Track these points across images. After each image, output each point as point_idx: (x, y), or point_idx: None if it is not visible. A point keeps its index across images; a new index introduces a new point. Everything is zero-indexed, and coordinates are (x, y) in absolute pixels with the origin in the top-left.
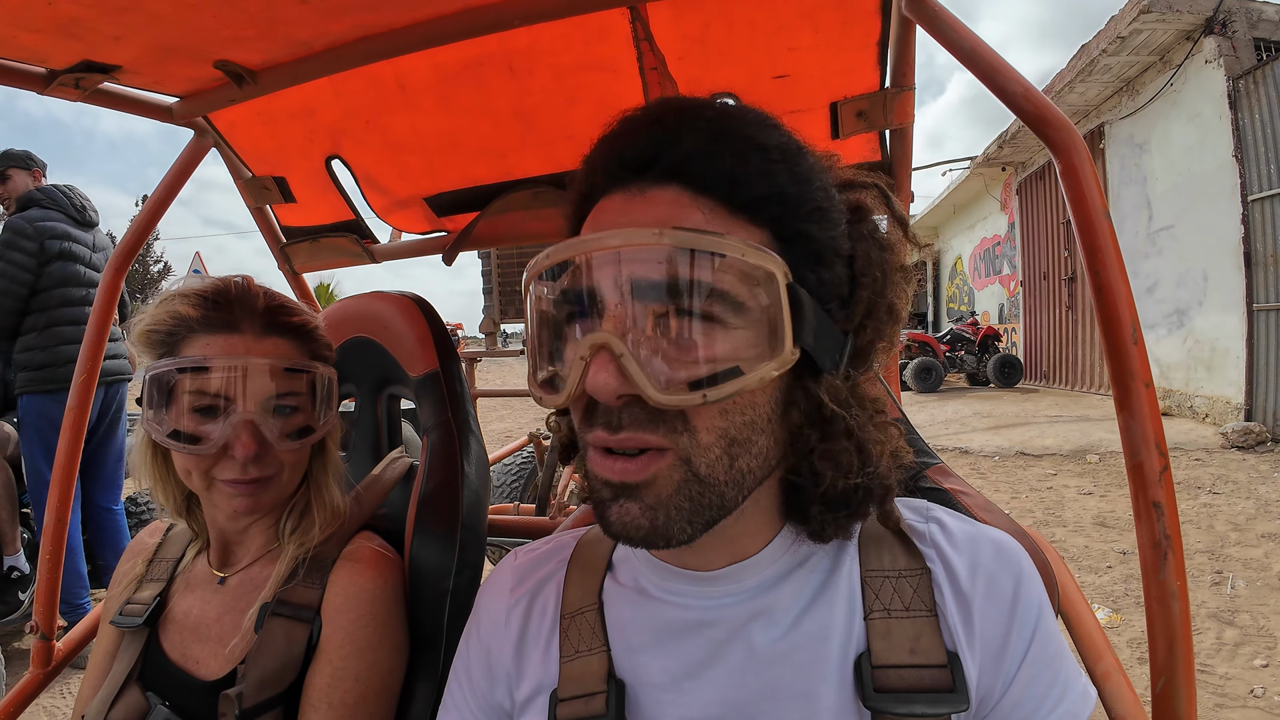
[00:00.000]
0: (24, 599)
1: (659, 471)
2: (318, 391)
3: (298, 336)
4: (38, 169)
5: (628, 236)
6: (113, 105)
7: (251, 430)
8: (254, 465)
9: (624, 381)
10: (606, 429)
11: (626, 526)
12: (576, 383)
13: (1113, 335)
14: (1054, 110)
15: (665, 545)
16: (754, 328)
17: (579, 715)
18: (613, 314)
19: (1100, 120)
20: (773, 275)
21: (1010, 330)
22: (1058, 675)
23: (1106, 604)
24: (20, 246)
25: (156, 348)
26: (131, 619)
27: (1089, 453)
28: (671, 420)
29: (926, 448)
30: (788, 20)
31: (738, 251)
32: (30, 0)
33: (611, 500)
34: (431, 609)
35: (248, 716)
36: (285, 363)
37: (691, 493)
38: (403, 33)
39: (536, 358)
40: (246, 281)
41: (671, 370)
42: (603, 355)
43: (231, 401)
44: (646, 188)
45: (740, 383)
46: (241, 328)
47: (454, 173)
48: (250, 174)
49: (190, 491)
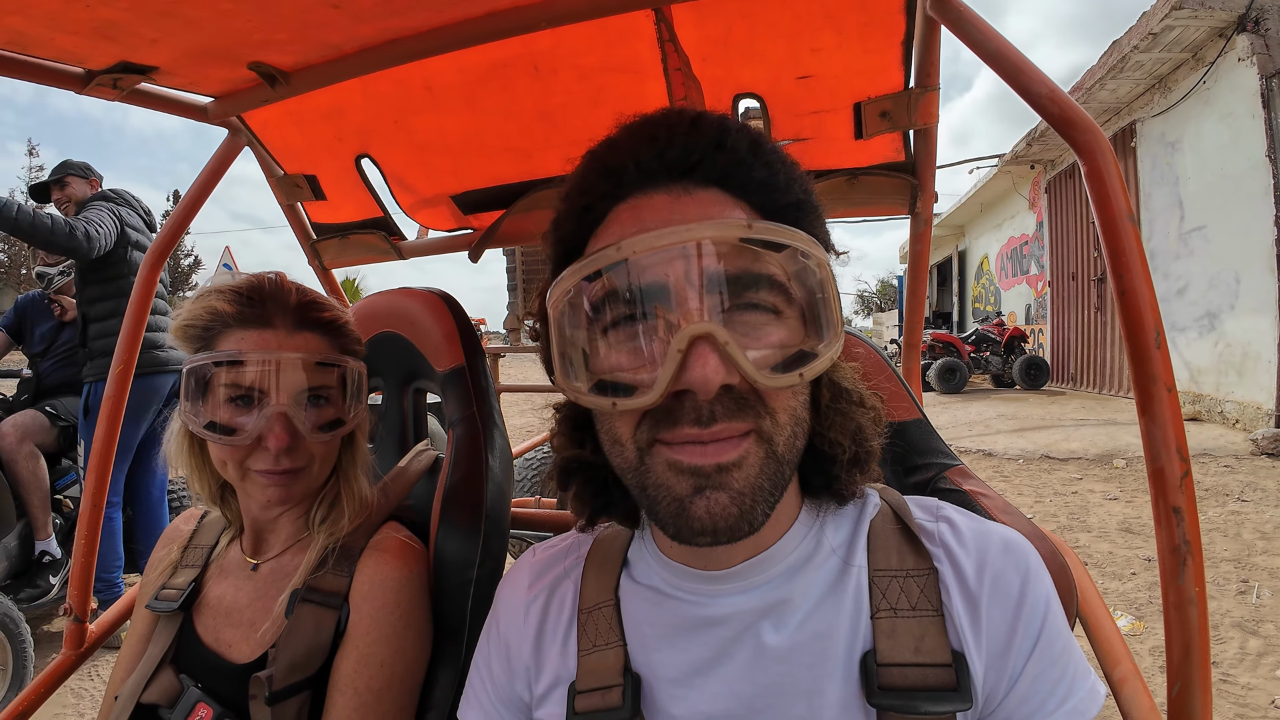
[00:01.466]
0: (54, 583)
1: (748, 449)
2: (348, 385)
3: (328, 331)
4: (95, 178)
5: (716, 229)
6: (149, 105)
7: (284, 422)
8: (286, 456)
9: (729, 370)
10: (697, 424)
11: (715, 518)
12: (671, 378)
13: (1135, 339)
14: (1079, 112)
15: (745, 534)
16: (813, 314)
17: (596, 707)
18: (702, 305)
19: (1132, 118)
20: (825, 265)
21: (1037, 331)
22: (1064, 672)
23: (1130, 611)
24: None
25: (194, 342)
26: (167, 604)
27: (1115, 457)
28: (755, 406)
29: (947, 449)
30: (811, 21)
31: (806, 244)
32: (69, 3)
33: (695, 494)
34: (455, 598)
35: (277, 699)
36: (316, 357)
37: (771, 471)
38: (430, 35)
39: (577, 364)
40: (279, 278)
41: (764, 355)
42: (703, 345)
43: (265, 394)
44: (691, 188)
45: (822, 362)
46: (274, 323)
47: (479, 172)
48: (282, 172)
49: (225, 480)
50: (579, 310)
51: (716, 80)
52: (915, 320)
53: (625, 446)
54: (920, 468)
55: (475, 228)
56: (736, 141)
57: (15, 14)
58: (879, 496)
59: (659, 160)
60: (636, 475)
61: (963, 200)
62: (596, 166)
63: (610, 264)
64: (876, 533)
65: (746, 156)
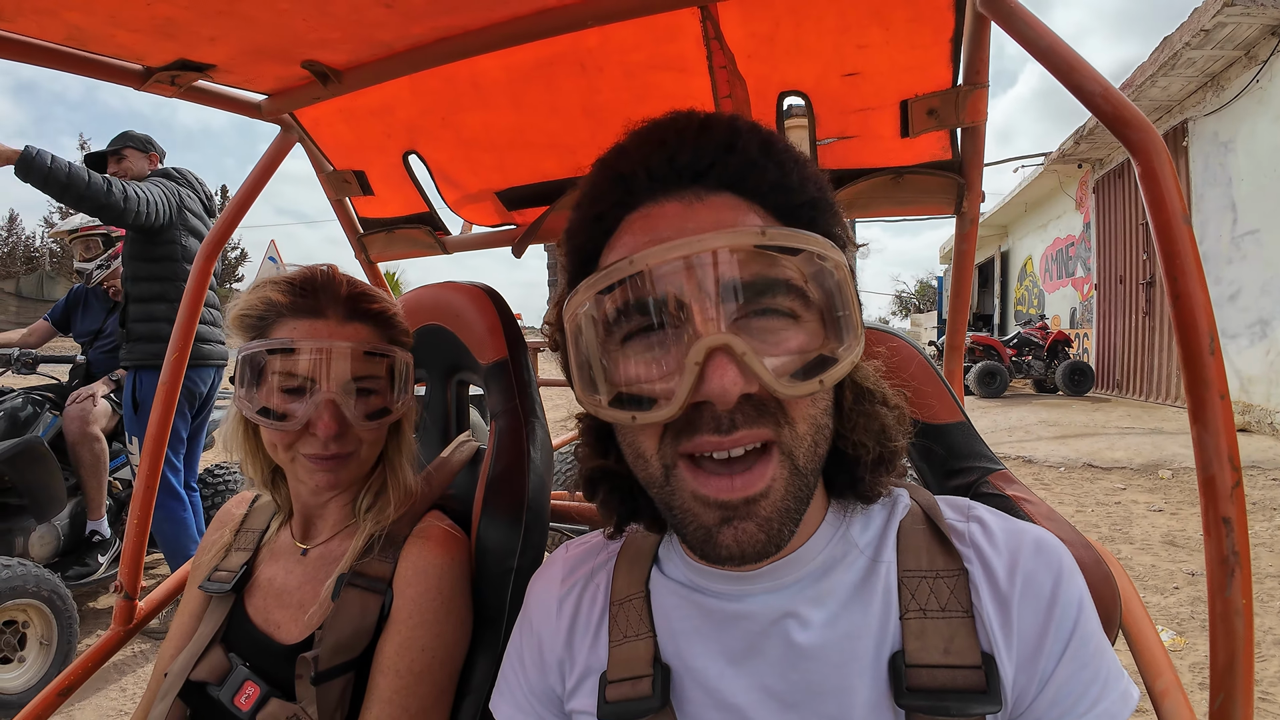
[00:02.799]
0: (102, 562)
1: (773, 475)
2: (395, 375)
3: (378, 322)
4: (155, 154)
5: (730, 238)
6: (205, 101)
7: (332, 410)
8: (334, 442)
9: (748, 380)
10: (716, 433)
11: (744, 546)
12: (689, 390)
13: (1189, 345)
14: (1133, 110)
15: (774, 553)
16: (832, 316)
17: (627, 696)
18: (717, 315)
19: (1184, 116)
20: (842, 267)
21: (1082, 336)
22: (1096, 674)
23: (1171, 626)
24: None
25: (249, 331)
26: (220, 585)
27: (1161, 467)
28: (775, 414)
29: (989, 453)
30: (858, 17)
31: (821, 247)
32: (130, 1)
33: (722, 524)
34: (495, 587)
35: (322, 679)
36: (365, 346)
37: (795, 489)
38: (479, 34)
39: (595, 378)
40: (331, 270)
41: (781, 363)
42: (720, 357)
43: (315, 382)
44: (703, 194)
45: (843, 367)
46: (326, 313)
47: (524, 168)
48: (332, 168)
49: (276, 466)
50: (595, 323)
51: (761, 77)
52: (959, 321)
53: (649, 462)
54: (962, 471)
55: (518, 223)
56: (747, 143)
57: (76, 10)
58: (909, 496)
59: (669, 166)
60: (662, 493)
61: (1007, 199)
62: (607, 174)
63: (624, 277)
64: (906, 533)
65: (758, 158)
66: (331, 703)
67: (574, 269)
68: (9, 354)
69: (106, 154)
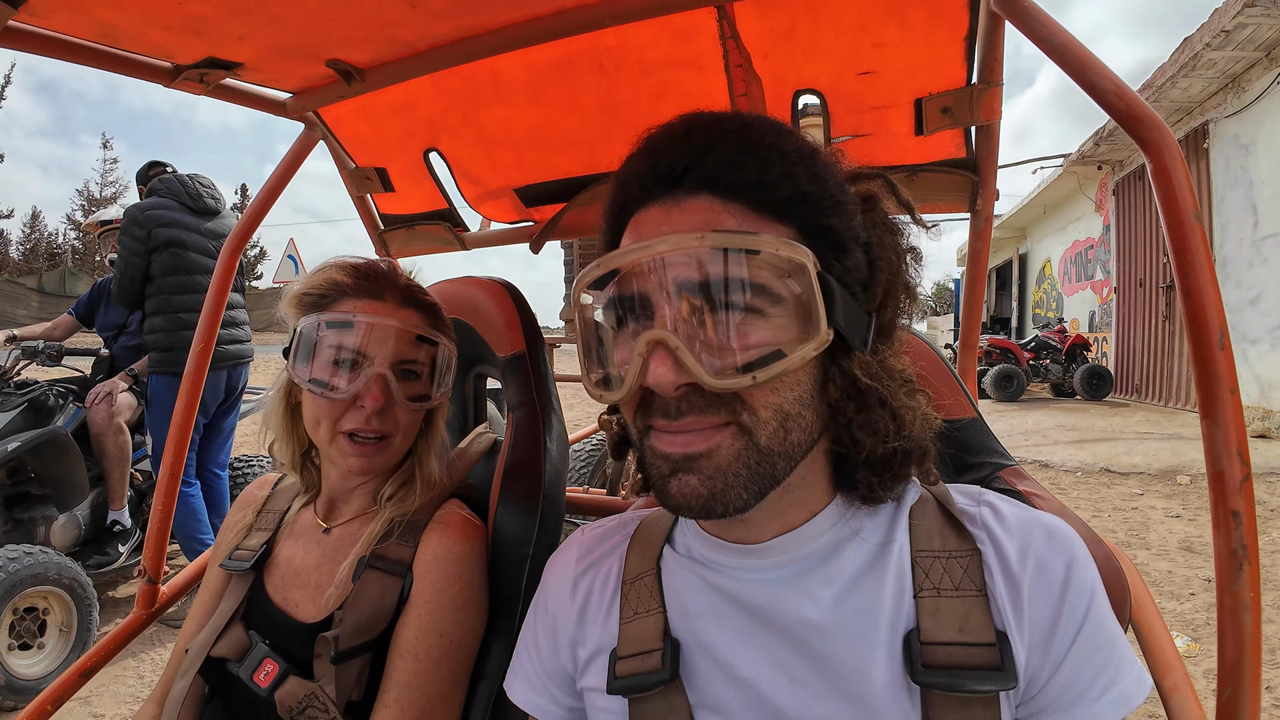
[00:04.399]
0: (123, 551)
1: (720, 441)
2: (437, 364)
3: (428, 313)
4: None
5: (673, 242)
6: (232, 99)
7: (381, 383)
8: (376, 418)
9: (681, 372)
10: (665, 418)
11: (686, 497)
12: (635, 377)
13: (1200, 340)
14: (1146, 108)
15: (723, 513)
16: (791, 314)
17: (636, 670)
18: (664, 313)
19: (1205, 118)
20: (804, 266)
21: (1101, 339)
22: (1109, 659)
23: (1186, 632)
24: (131, 233)
25: (308, 310)
26: (240, 563)
27: (1179, 473)
28: (729, 403)
29: (1002, 449)
30: (873, 16)
31: (771, 247)
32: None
33: (670, 475)
34: (511, 574)
35: (341, 659)
36: (417, 330)
37: (750, 461)
38: (500, 33)
39: (591, 359)
40: (391, 263)
41: (722, 358)
42: (660, 350)
43: (367, 357)
44: (682, 198)
45: (784, 364)
46: (384, 296)
47: (543, 165)
48: (354, 165)
49: (307, 449)
50: (585, 312)
51: (777, 76)
52: (973, 319)
53: (632, 428)
54: (974, 467)
55: (537, 220)
56: (726, 144)
57: (108, 8)
58: (919, 484)
59: (652, 174)
60: (639, 451)
61: (1025, 201)
62: (617, 181)
63: (600, 275)
64: (917, 516)
65: (736, 157)
66: (349, 683)
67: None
68: (34, 346)
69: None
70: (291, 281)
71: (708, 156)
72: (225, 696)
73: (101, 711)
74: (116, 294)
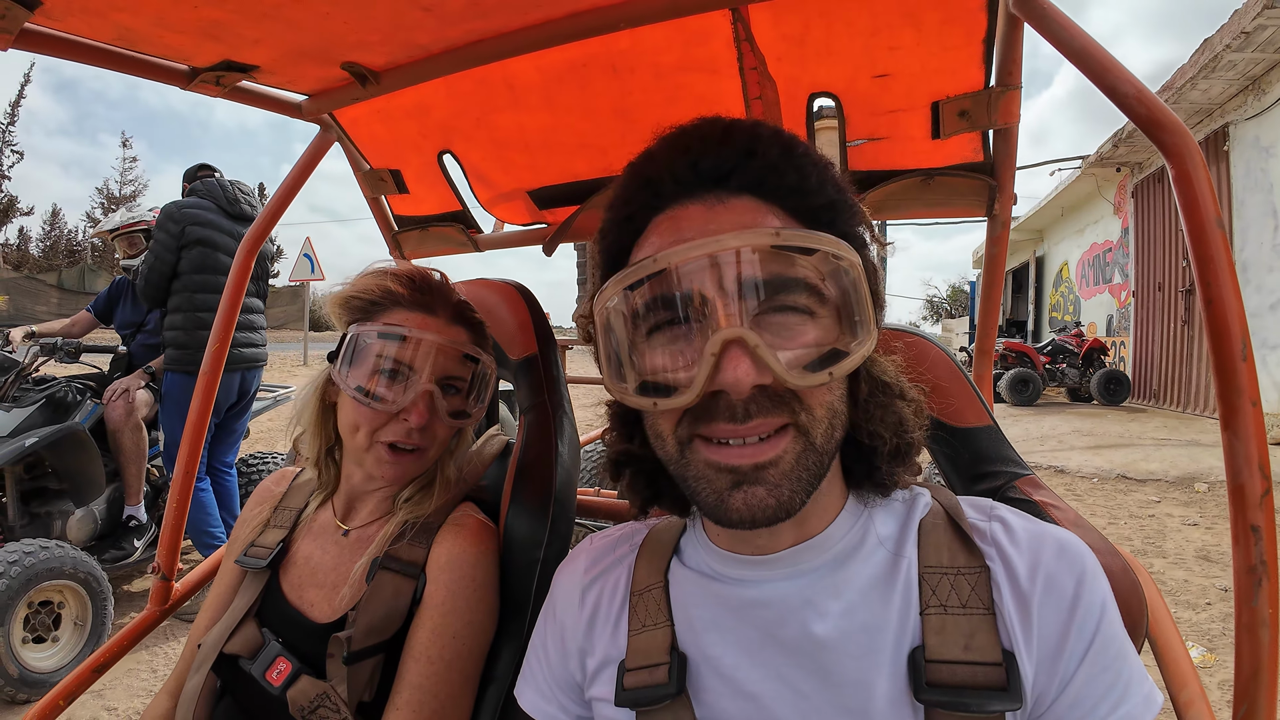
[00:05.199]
0: (138, 546)
1: (785, 447)
2: (477, 381)
3: (474, 330)
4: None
5: (746, 238)
6: (248, 101)
7: (428, 401)
8: (418, 433)
9: (762, 371)
10: (731, 421)
11: (753, 509)
12: (706, 379)
13: (1221, 350)
14: (1167, 113)
15: (785, 518)
16: (834, 314)
17: (644, 683)
18: (732, 310)
19: (1225, 120)
20: (856, 266)
21: (1118, 344)
22: (1119, 677)
23: (1202, 643)
24: (166, 229)
25: (355, 313)
26: (256, 560)
27: (1197, 480)
28: (790, 402)
29: (1018, 458)
30: (889, 19)
31: (831, 247)
32: (177, 3)
33: (732, 489)
34: (522, 576)
35: (354, 659)
36: (465, 349)
37: (809, 462)
38: (513, 36)
39: (625, 367)
40: (443, 277)
41: (794, 355)
42: (734, 349)
43: (414, 372)
44: (725, 197)
45: (853, 361)
46: (437, 311)
47: (556, 168)
48: (369, 166)
49: (330, 445)
50: (623, 317)
51: (792, 79)
52: (989, 325)
53: (666, 441)
54: (988, 475)
55: (550, 222)
56: (767, 148)
57: (125, 11)
58: (930, 496)
59: (693, 171)
60: (678, 467)
61: (1042, 203)
62: (637, 178)
63: (649, 274)
64: (927, 530)
65: (778, 162)
66: (361, 683)
67: (605, 267)
68: (53, 343)
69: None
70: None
71: (751, 159)
72: (237, 693)
73: (114, 705)
74: (142, 288)
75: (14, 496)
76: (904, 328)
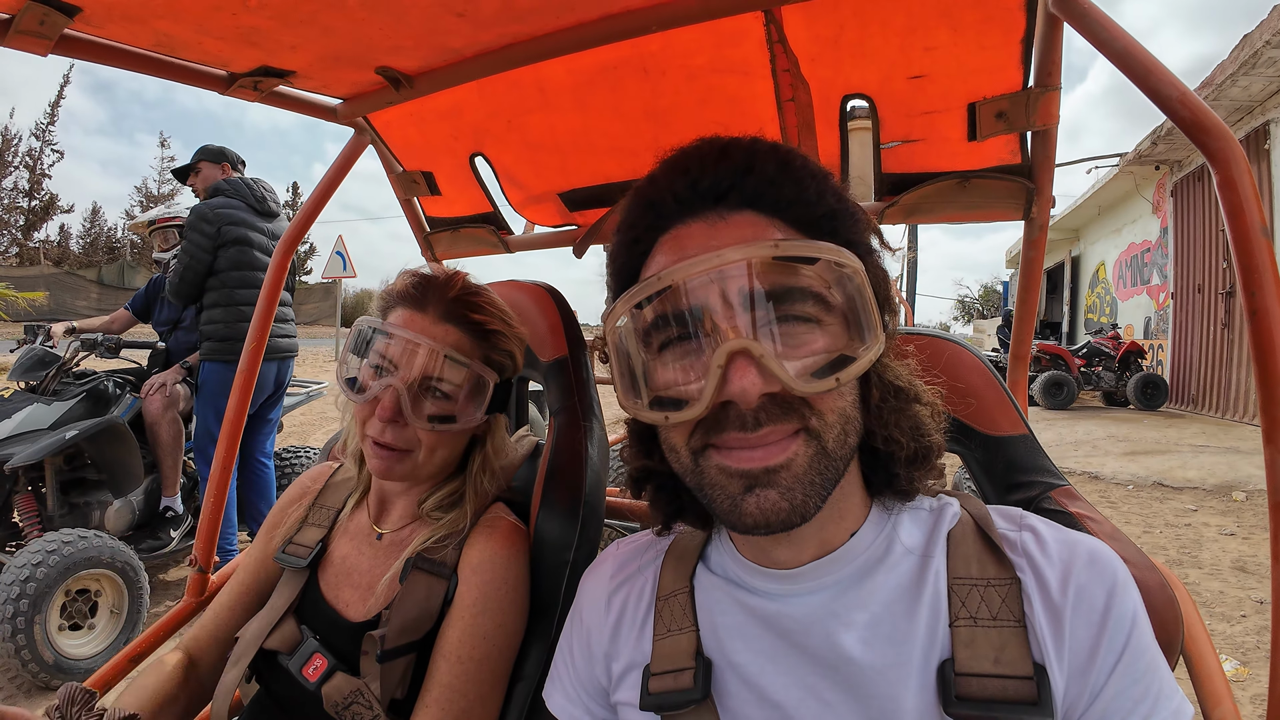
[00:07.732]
0: (174, 536)
1: (796, 450)
2: (473, 388)
3: (474, 333)
4: (227, 163)
5: (745, 251)
6: (284, 105)
7: (392, 396)
8: (389, 430)
9: (768, 380)
10: (742, 430)
11: (766, 512)
12: (714, 391)
13: (1265, 362)
14: (1212, 117)
15: (800, 523)
16: (841, 321)
17: (669, 688)
18: (737, 322)
19: (1266, 117)
20: (860, 272)
21: (1156, 347)
22: (1148, 690)
23: (1235, 655)
24: (200, 229)
25: (378, 309)
26: (296, 560)
27: (1236, 489)
28: (800, 409)
29: (1053, 468)
30: (925, 19)
31: (832, 255)
32: (217, 11)
33: (745, 493)
34: (551, 577)
35: (387, 657)
36: (446, 350)
37: (822, 466)
38: (546, 39)
39: (639, 384)
40: (455, 274)
41: (802, 363)
42: (741, 360)
43: (394, 367)
44: (726, 214)
45: (859, 366)
46: (427, 308)
47: (587, 170)
48: (401, 169)
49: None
50: (633, 334)
51: (825, 81)
52: (1025, 331)
53: (680, 453)
54: (1023, 485)
55: (580, 224)
56: (764, 164)
57: (166, 18)
58: (959, 505)
59: (693, 190)
60: (693, 477)
61: (1078, 202)
62: (641, 201)
63: (654, 291)
64: (956, 541)
65: (775, 176)
66: (394, 680)
67: (616, 288)
68: (93, 339)
69: (187, 169)
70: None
71: (748, 175)
72: (272, 687)
73: None
74: (176, 285)
75: (54, 487)
76: (934, 332)
